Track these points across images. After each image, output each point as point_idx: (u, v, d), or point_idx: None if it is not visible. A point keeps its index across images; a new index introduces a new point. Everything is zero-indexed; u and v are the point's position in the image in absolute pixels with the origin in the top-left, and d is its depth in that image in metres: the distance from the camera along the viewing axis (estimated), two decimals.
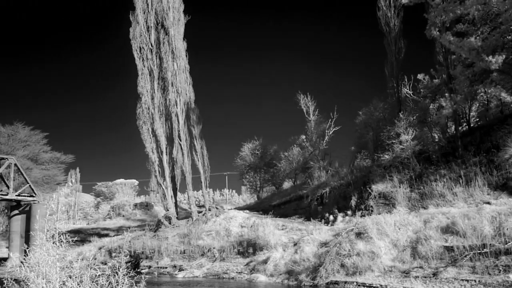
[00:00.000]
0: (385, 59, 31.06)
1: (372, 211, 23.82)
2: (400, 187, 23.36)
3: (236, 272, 23.28)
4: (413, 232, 18.51)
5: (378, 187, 24.77)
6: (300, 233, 24.72)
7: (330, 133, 36.05)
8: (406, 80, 28.96)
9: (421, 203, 21.94)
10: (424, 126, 26.16)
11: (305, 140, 39.33)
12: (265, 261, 22.46)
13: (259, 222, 27.82)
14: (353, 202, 26.05)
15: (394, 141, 25.46)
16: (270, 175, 45.81)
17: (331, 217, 26.33)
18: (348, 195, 27.00)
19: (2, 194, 35.98)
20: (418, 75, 27.10)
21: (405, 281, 15.77)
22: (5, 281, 6.27)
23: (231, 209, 37.03)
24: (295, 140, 41.92)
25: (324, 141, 36.07)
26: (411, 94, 28.39)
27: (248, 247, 25.20)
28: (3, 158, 36.95)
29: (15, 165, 36.73)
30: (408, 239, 18.22)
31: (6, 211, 45.74)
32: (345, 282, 17.39)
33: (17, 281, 6.22)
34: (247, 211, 35.75)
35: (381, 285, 16.25)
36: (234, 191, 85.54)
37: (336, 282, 17.69)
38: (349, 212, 25.69)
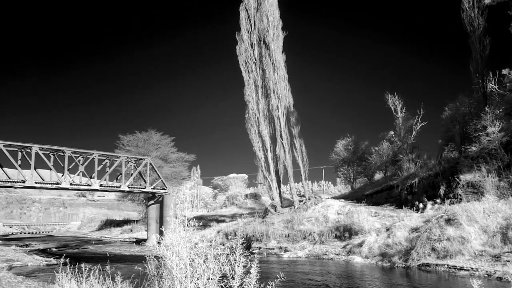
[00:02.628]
0: (469, 57, 29.04)
1: (460, 199, 22.55)
2: (488, 176, 21.80)
3: (334, 254, 23.26)
4: (503, 219, 17.38)
5: (466, 177, 23.35)
6: (391, 219, 24.11)
7: (418, 128, 34.53)
8: (491, 75, 26.84)
9: (510, 192, 20.32)
10: (511, 118, 24.11)
11: (393, 135, 38.00)
12: (360, 244, 22.22)
13: (353, 209, 27.52)
14: (441, 191, 24.80)
15: (480, 134, 23.97)
16: (362, 168, 44.85)
17: (421, 205, 25.28)
18: (436, 184, 25.75)
19: (141, 188, 39.05)
20: (503, 70, 25.06)
21: (496, 265, 14.90)
22: (147, 257, 6.75)
23: (328, 198, 36.86)
24: (384, 136, 40.64)
25: (412, 136, 34.66)
26: (497, 89, 26.30)
27: (344, 232, 25.04)
28: (141, 159, 39.92)
29: (150, 164, 39.50)
30: (498, 226, 17.15)
31: (144, 201, 49.09)
32: (436, 265, 16.79)
33: (156, 257, 6.64)
34: (342, 200, 35.35)
35: (472, 268, 15.48)
36: (330, 182, 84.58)
37: (428, 265, 17.14)
38: (438, 200, 24.52)
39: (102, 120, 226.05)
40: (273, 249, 27.21)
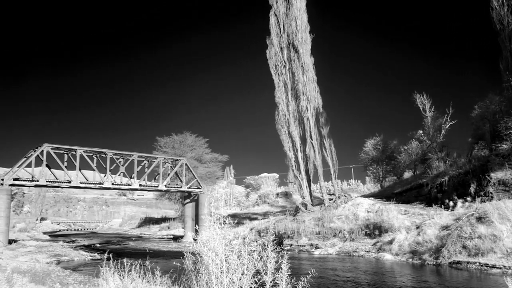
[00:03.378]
0: (499, 55, 28.00)
1: (491, 197, 21.84)
2: None
3: (365, 251, 22.99)
4: None
5: (497, 175, 22.60)
6: (421, 217, 23.61)
7: (447, 127, 33.65)
8: None
9: None
10: None
11: (422, 134, 37.17)
12: (390, 242, 21.89)
13: (383, 207, 27.09)
14: (472, 189, 24.08)
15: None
16: (391, 167, 44.01)
17: (451, 203, 24.63)
18: (466, 182, 25.01)
19: (177, 187, 39.69)
20: None
21: None
22: (184, 253, 6.79)
23: (357, 196, 36.37)
24: (413, 135, 39.82)
25: (441, 135, 33.80)
26: None
27: (374, 229, 24.72)
28: (177, 159, 40.58)
29: (186, 164, 40.10)
30: None
31: (180, 200, 49.83)
32: (468, 263, 16.37)
33: (193, 253, 6.69)
34: (372, 198, 34.83)
35: (504, 266, 15.02)
36: (359, 181, 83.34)
37: (459, 262, 16.72)
38: (468, 199, 23.82)
39: (141, 123, 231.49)
40: (304, 246, 27.11)
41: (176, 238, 42.01)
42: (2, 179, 28.85)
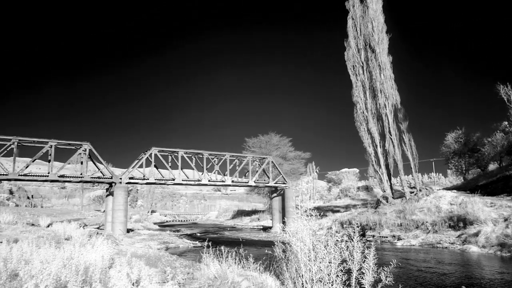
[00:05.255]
0: None
1: None
2: None
3: (449, 243, 21.52)
4: None
5: None
6: (509, 209, 21.57)
7: None
8: None
9: None
10: None
11: (507, 125, 33.59)
12: (476, 234, 20.26)
13: (467, 200, 25.12)
14: None
15: None
16: (474, 159, 40.36)
17: None
18: None
19: (265, 183, 40.43)
20: None
21: None
22: (275, 243, 6.89)
23: (439, 189, 34.03)
24: (498, 127, 36.15)
25: None
26: None
27: (458, 222, 23.01)
28: (264, 158, 41.33)
29: (272, 162, 40.76)
30: None
31: (268, 194, 50.78)
32: None
33: (283, 242, 6.74)
34: (454, 191, 32.38)
35: None
36: (440, 174, 77.41)
37: None
38: None
39: (231, 125, 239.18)
40: (386, 237, 26.10)
41: (265, 229, 42.79)
42: (121, 178, 31.72)
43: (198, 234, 35.87)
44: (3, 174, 27.67)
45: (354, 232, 5.78)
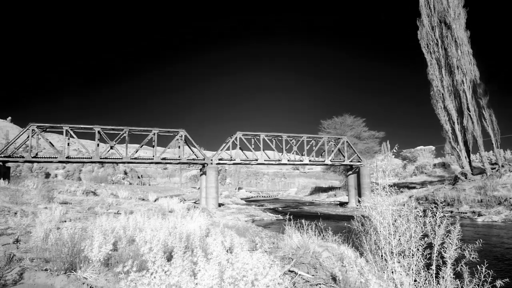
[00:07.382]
0: None
1: None
2: None
3: None
4: None
5: None
6: None
7: None
8: None
9: None
10: None
11: None
12: None
13: None
14: None
15: None
16: None
17: None
18: None
19: (341, 161, 39.61)
20: None
21: None
22: (354, 216, 6.63)
23: None
24: None
25: None
26: None
27: None
28: (339, 138, 40.37)
29: (347, 142, 39.83)
30: None
31: (344, 172, 49.80)
32: None
33: (363, 216, 6.31)
34: None
35: None
36: None
37: None
38: None
39: (306, 109, 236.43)
40: (466, 213, 24.12)
41: (342, 204, 42.13)
42: (211, 160, 33.44)
43: (280, 208, 36.60)
44: (119, 158, 31.01)
45: (435, 207, 5.42)
